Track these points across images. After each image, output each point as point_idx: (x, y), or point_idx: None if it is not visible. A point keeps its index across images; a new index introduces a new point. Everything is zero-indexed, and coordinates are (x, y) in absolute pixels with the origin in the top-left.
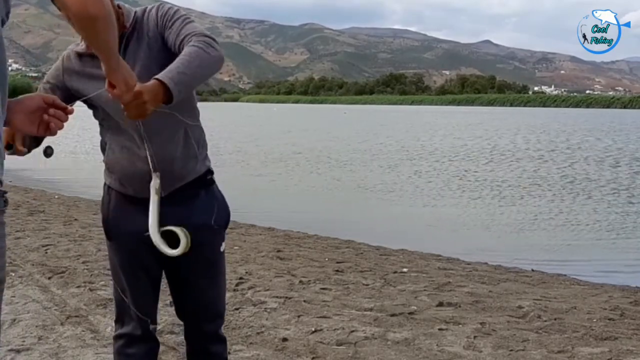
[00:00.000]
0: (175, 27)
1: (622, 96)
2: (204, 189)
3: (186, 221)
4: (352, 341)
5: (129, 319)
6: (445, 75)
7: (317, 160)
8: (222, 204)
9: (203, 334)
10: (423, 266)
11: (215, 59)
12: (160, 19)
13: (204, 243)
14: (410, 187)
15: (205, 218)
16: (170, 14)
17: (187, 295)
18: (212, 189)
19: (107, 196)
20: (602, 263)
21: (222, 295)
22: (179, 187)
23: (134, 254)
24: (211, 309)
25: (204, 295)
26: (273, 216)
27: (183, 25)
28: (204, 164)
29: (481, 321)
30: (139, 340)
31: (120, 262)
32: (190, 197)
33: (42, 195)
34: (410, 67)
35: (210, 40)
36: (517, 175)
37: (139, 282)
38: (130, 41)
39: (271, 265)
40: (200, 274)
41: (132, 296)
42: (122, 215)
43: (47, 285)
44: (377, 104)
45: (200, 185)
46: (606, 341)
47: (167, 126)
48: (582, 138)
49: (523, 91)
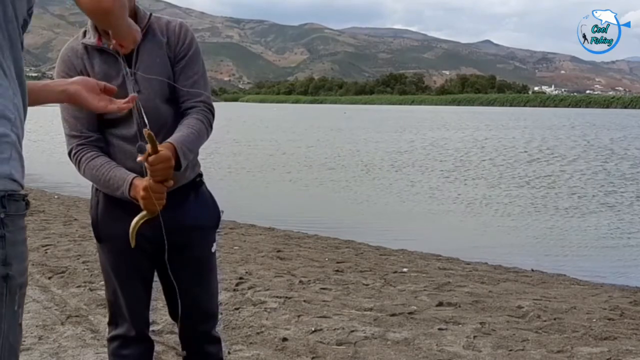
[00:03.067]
0: (190, 73)
1: (622, 96)
2: (193, 190)
3: (175, 223)
4: (352, 341)
5: (122, 320)
6: (445, 75)
7: (317, 160)
8: (212, 204)
9: (196, 334)
10: (423, 266)
11: (208, 136)
12: (180, 44)
13: (194, 244)
14: (411, 187)
15: (195, 219)
16: (192, 51)
17: (178, 296)
18: (201, 190)
19: (95, 198)
20: (602, 263)
21: (214, 296)
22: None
23: (124, 256)
24: (203, 310)
25: (195, 295)
26: (273, 216)
27: (198, 78)
28: (194, 170)
29: (481, 321)
30: (134, 342)
31: (111, 264)
32: (179, 199)
33: (42, 195)
34: (410, 67)
35: (211, 116)
36: (516, 176)
37: (130, 283)
38: (142, 44)
39: (271, 265)
40: (190, 275)
41: (124, 297)
42: (111, 217)
43: (47, 285)
44: (377, 104)
45: (189, 187)
46: (606, 341)
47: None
48: (583, 136)
49: (523, 91)
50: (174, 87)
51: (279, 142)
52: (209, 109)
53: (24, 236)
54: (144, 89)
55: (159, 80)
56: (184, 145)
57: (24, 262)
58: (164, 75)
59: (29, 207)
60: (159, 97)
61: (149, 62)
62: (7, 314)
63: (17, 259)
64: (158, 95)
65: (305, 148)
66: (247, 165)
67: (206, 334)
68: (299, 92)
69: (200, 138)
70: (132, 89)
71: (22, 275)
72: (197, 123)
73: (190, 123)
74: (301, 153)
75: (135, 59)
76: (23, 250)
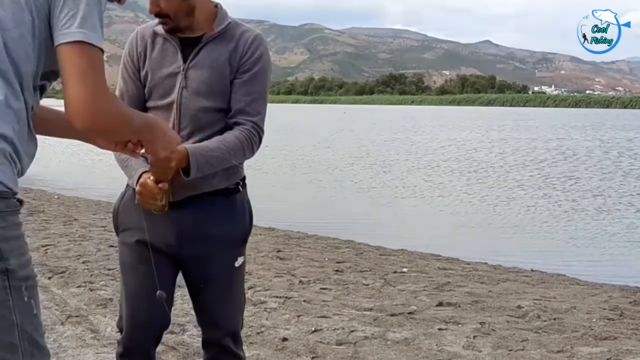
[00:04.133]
0: (252, 90)
1: (621, 96)
2: (224, 199)
3: (197, 229)
4: (352, 341)
5: (123, 326)
6: (445, 75)
7: (318, 161)
8: (243, 216)
9: (214, 349)
10: (423, 266)
11: (245, 158)
12: (247, 55)
13: (214, 256)
14: (410, 187)
15: (220, 229)
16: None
17: (197, 305)
18: (233, 198)
19: (124, 189)
20: (602, 263)
21: (235, 313)
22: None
23: (135, 250)
24: (221, 325)
25: (213, 310)
26: (273, 216)
27: (258, 97)
28: (229, 179)
29: (481, 321)
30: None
31: (123, 258)
32: (206, 206)
33: (42, 195)
34: (410, 67)
35: (256, 139)
36: (516, 176)
37: (135, 282)
38: (207, 45)
39: (271, 265)
40: (210, 289)
41: (126, 297)
42: (129, 209)
43: (47, 285)
44: (377, 104)
45: (221, 195)
46: (605, 341)
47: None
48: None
49: (523, 91)
50: (229, 97)
51: (279, 142)
52: (257, 131)
53: (19, 232)
54: (190, 87)
55: (208, 82)
56: (202, 156)
57: (23, 256)
58: (217, 80)
59: (22, 204)
60: (203, 99)
61: (206, 63)
62: (17, 305)
63: (14, 253)
64: (202, 97)
65: (305, 148)
66: (247, 165)
67: (225, 348)
68: (299, 92)
69: (229, 156)
70: (179, 83)
71: (24, 268)
72: (233, 140)
73: (226, 138)
74: (301, 153)
75: (194, 56)
76: (20, 245)
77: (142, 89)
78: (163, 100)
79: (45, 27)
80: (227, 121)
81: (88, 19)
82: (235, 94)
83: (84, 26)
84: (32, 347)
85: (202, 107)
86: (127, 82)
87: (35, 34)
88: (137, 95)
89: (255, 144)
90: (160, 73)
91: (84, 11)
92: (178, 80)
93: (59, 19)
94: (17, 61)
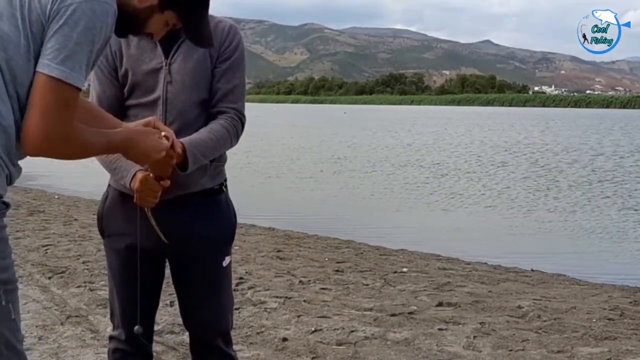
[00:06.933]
0: (232, 77)
1: (621, 96)
2: (209, 199)
3: (185, 230)
4: (352, 341)
5: (117, 321)
6: (445, 75)
7: (318, 161)
8: (228, 216)
9: (204, 349)
10: (423, 266)
11: (232, 145)
12: (226, 45)
13: (201, 256)
14: (410, 187)
15: (207, 229)
16: (237, 56)
17: (185, 307)
18: (218, 199)
19: (106, 192)
20: (602, 263)
21: (224, 312)
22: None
23: (121, 253)
24: (210, 325)
25: (201, 310)
26: (273, 216)
27: (238, 84)
28: (214, 180)
29: (481, 321)
30: (126, 348)
31: (109, 261)
32: (192, 207)
33: (42, 195)
34: (410, 67)
35: (240, 126)
36: (516, 176)
37: (123, 283)
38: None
39: (271, 265)
40: (197, 288)
41: (118, 298)
42: (115, 213)
43: (47, 285)
44: (377, 104)
45: (206, 195)
46: (606, 341)
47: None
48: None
49: (523, 91)
50: (210, 87)
51: (279, 143)
52: (240, 118)
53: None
54: (175, 81)
55: (192, 75)
56: (196, 149)
57: (3, 260)
58: (200, 72)
59: (8, 207)
60: (189, 93)
61: (188, 56)
62: None
63: None
64: (188, 91)
65: (306, 148)
66: (247, 165)
67: (216, 349)
68: (299, 92)
69: (219, 146)
70: (164, 78)
71: (4, 272)
72: (220, 129)
73: (214, 128)
74: (301, 153)
75: (175, 50)
76: (2, 248)
77: (120, 89)
78: (146, 97)
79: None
80: (210, 110)
81: (72, 56)
82: (216, 83)
83: (65, 64)
84: (9, 351)
85: (188, 101)
86: (104, 82)
87: (29, 59)
88: (115, 94)
89: (240, 130)
90: (140, 70)
91: (70, 49)
92: (162, 75)
93: (46, 48)
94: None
